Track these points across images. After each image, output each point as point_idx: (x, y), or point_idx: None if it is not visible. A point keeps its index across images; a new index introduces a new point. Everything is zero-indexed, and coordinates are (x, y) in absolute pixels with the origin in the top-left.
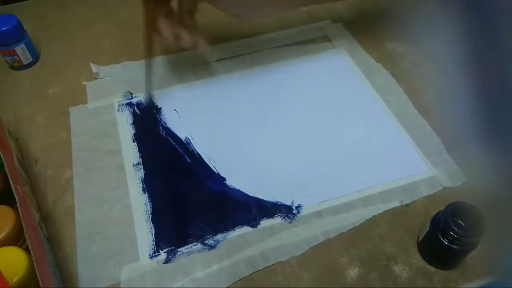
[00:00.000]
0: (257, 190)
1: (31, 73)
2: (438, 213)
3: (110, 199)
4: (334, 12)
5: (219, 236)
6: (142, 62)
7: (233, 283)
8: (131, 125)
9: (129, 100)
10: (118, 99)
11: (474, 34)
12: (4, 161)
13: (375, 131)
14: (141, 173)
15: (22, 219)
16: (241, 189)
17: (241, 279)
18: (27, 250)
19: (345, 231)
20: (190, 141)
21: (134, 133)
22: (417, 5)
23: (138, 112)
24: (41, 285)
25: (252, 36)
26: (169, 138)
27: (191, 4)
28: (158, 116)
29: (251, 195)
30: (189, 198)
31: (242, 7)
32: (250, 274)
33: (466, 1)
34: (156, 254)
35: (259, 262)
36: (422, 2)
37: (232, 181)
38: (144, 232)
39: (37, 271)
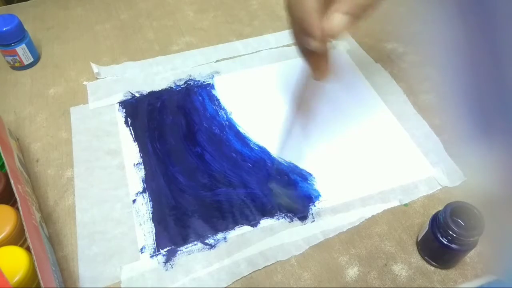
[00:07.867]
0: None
1: (32, 73)
2: (437, 212)
3: (111, 199)
4: None
5: (219, 235)
6: (142, 62)
7: (233, 282)
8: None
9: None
10: (118, 99)
11: (472, 35)
12: (5, 161)
13: (374, 131)
14: (141, 173)
15: (23, 218)
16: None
17: (241, 278)
18: (28, 249)
19: (344, 230)
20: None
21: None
22: (416, 6)
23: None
24: (41, 284)
25: (252, 36)
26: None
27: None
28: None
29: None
30: (190, 197)
31: None
32: (250, 273)
33: (464, 2)
34: (157, 253)
35: (259, 261)
36: (421, 2)
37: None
38: (144, 232)
39: (38, 271)
